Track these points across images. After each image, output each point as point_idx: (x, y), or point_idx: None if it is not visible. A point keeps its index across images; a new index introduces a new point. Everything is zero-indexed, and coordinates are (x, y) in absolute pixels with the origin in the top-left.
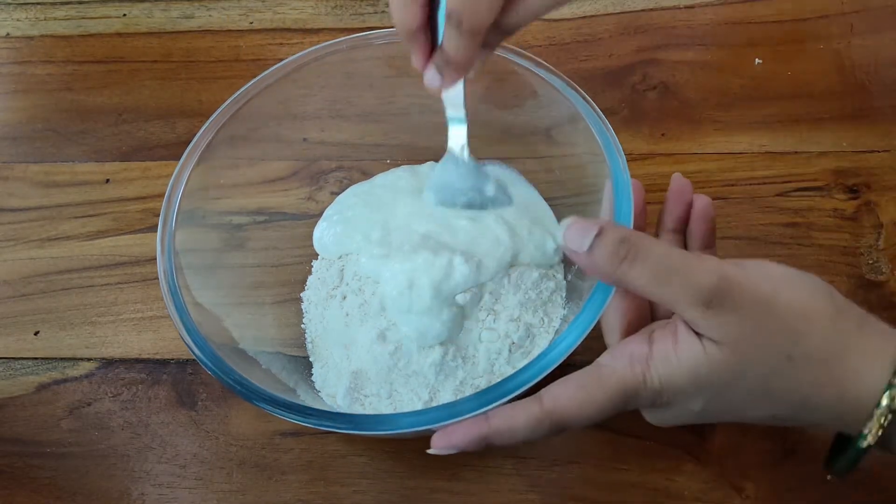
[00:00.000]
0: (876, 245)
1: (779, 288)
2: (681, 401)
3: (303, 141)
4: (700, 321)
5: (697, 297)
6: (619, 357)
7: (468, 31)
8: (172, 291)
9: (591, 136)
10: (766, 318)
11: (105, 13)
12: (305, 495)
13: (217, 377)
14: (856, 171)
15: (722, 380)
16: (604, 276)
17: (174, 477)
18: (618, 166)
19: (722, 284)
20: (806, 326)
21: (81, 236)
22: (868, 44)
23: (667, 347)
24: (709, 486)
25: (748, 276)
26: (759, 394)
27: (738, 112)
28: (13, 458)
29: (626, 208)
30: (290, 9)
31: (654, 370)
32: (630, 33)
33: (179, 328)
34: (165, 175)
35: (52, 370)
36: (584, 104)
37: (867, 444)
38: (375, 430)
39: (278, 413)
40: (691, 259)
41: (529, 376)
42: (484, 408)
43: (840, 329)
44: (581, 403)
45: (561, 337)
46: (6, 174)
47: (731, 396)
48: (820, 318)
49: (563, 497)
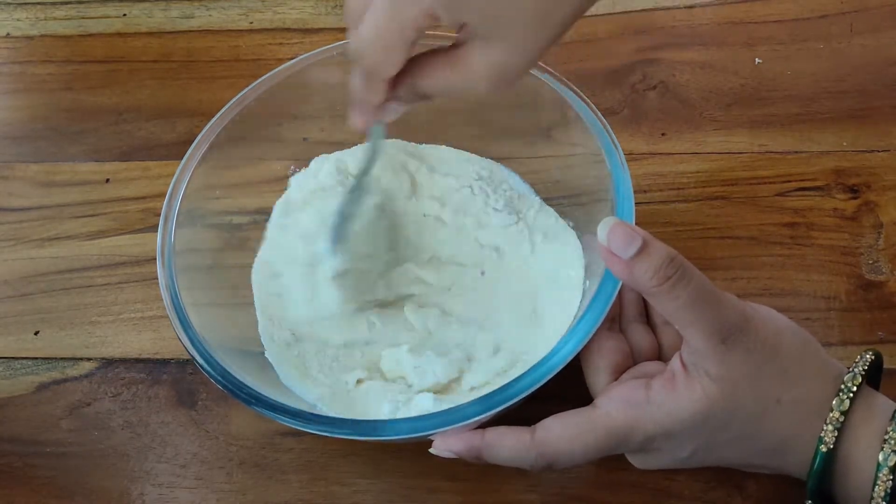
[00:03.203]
0: (876, 245)
1: (783, 335)
2: (672, 446)
3: (303, 141)
4: (711, 354)
5: (720, 331)
6: (614, 401)
7: (367, 75)
8: (173, 296)
9: (590, 136)
10: (769, 361)
11: (105, 13)
12: (306, 495)
13: (217, 382)
14: (856, 171)
15: (717, 419)
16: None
17: (174, 477)
18: (617, 165)
19: (742, 324)
20: (798, 373)
21: (81, 236)
22: (868, 44)
23: (665, 394)
24: (709, 486)
25: (762, 319)
26: (745, 435)
27: (738, 112)
28: (13, 458)
29: (628, 208)
30: (290, 9)
31: (649, 416)
32: (630, 33)
33: (179, 332)
34: (165, 175)
35: (52, 370)
36: (581, 104)
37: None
38: (376, 435)
39: (273, 416)
40: (721, 293)
41: (530, 381)
42: (484, 413)
43: (824, 382)
44: (570, 441)
45: (563, 341)
46: (6, 174)
47: (721, 438)
48: (809, 368)
49: (563, 497)
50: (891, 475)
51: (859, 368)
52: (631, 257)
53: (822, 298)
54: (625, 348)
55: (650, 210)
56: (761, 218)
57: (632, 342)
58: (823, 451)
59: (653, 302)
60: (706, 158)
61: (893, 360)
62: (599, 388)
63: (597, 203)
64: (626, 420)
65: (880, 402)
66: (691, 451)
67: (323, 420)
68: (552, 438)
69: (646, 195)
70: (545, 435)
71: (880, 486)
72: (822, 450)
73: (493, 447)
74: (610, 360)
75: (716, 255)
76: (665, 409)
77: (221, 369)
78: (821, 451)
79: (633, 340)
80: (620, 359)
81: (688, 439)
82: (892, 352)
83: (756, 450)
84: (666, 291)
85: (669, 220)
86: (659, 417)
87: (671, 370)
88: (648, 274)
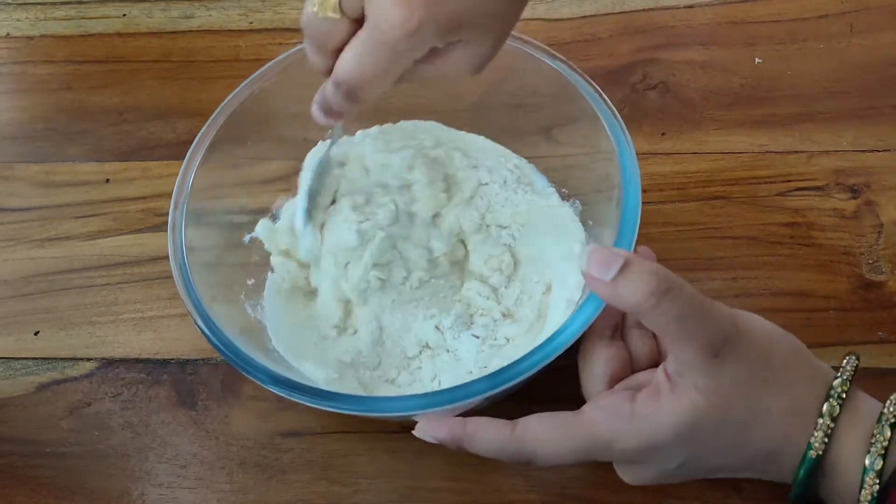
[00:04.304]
0: (876, 245)
1: (773, 342)
2: (659, 459)
3: (303, 141)
4: (701, 367)
5: (711, 344)
6: (599, 409)
7: (346, 94)
8: (185, 278)
9: (601, 129)
10: (760, 369)
11: (105, 13)
12: (306, 495)
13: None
14: (856, 170)
15: (705, 430)
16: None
17: (174, 477)
18: (625, 153)
19: (733, 334)
20: (788, 380)
21: (81, 236)
22: (868, 44)
23: (649, 408)
24: (709, 486)
25: (751, 328)
26: (736, 443)
27: (738, 112)
28: (13, 458)
29: (634, 200)
30: (290, 9)
31: (632, 429)
32: (630, 33)
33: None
34: (165, 175)
35: (52, 370)
36: (597, 99)
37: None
38: (385, 411)
39: (286, 393)
40: (710, 303)
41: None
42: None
43: (813, 387)
44: (549, 442)
45: (567, 324)
46: (6, 174)
47: (711, 447)
48: (799, 373)
49: (563, 497)
50: (877, 479)
51: (847, 374)
52: (613, 278)
53: (822, 298)
54: (624, 357)
55: (650, 210)
56: (761, 218)
57: (631, 349)
58: (812, 457)
59: (643, 320)
60: (706, 158)
61: (893, 359)
62: (593, 396)
63: (602, 202)
64: (607, 430)
65: (866, 404)
66: (679, 463)
67: (334, 397)
68: (532, 436)
69: (646, 195)
70: (525, 432)
71: (866, 489)
72: (811, 455)
73: (475, 437)
74: (607, 369)
75: (716, 255)
76: (648, 422)
77: (234, 347)
78: (809, 456)
79: (633, 347)
80: (618, 368)
81: (675, 451)
82: (892, 352)
83: (748, 458)
84: (653, 307)
85: (669, 220)
86: (642, 430)
87: (656, 383)
88: (632, 291)
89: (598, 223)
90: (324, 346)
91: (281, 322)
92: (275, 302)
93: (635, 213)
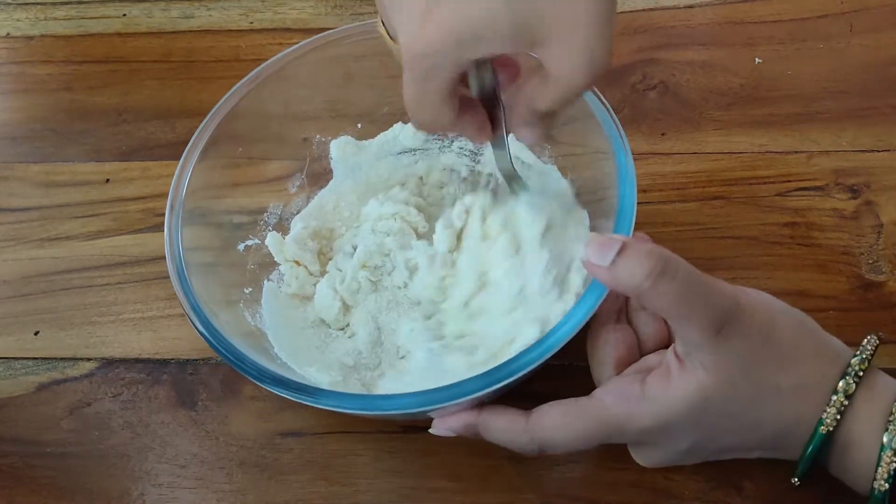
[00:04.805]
0: (876, 245)
1: (776, 318)
2: (670, 439)
3: (303, 141)
4: (705, 345)
5: (713, 322)
6: (609, 393)
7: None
8: (182, 281)
9: (597, 129)
10: (764, 346)
11: (105, 13)
12: (306, 495)
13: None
14: (856, 170)
15: (714, 408)
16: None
17: (174, 477)
18: (620, 149)
19: (735, 311)
20: (795, 356)
21: (81, 236)
22: (868, 44)
23: (659, 388)
24: (709, 486)
25: (754, 304)
26: (746, 422)
27: (738, 112)
28: (13, 458)
29: (629, 198)
30: (290, 9)
31: (644, 410)
32: (630, 33)
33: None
34: (165, 175)
35: (52, 370)
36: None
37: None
38: (384, 409)
39: (285, 393)
40: (711, 280)
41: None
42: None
43: (823, 364)
44: (562, 428)
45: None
46: (6, 174)
47: (721, 426)
48: (807, 349)
49: (563, 497)
50: (894, 456)
51: (867, 353)
52: (612, 262)
53: (821, 298)
54: (630, 340)
55: (650, 210)
56: (761, 218)
57: (638, 331)
58: (823, 433)
59: (644, 303)
60: (706, 158)
61: (893, 359)
62: (604, 382)
63: (601, 202)
64: (619, 412)
65: (882, 380)
66: (691, 444)
67: (330, 395)
68: (545, 423)
69: (646, 195)
70: (539, 419)
71: (884, 467)
72: (821, 431)
73: (488, 424)
74: (615, 354)
75: (716, 255)
76: (659, 403)
77: (230, 346)
78: (820, 432)
79: (640, 330)
80: (625, 352)
81: (686, 431)
82: (892, 352)
83: (758, 436)
84: (651, 288)
85: (669, 220)
86: (654, 410)
87: (666, 363)
88: (630, 273)
89: (595, 217)
90: (325, 349)
91: (281, 328)
92: (273, 308)
93: (631, 203)
